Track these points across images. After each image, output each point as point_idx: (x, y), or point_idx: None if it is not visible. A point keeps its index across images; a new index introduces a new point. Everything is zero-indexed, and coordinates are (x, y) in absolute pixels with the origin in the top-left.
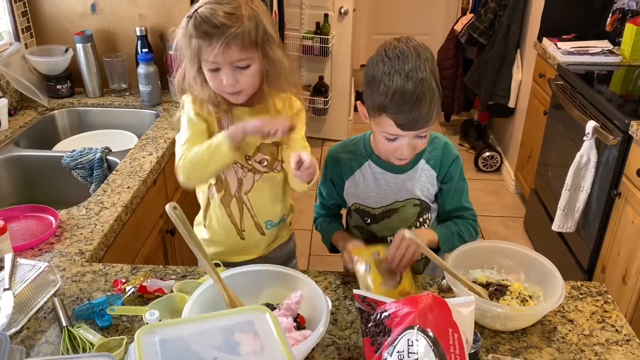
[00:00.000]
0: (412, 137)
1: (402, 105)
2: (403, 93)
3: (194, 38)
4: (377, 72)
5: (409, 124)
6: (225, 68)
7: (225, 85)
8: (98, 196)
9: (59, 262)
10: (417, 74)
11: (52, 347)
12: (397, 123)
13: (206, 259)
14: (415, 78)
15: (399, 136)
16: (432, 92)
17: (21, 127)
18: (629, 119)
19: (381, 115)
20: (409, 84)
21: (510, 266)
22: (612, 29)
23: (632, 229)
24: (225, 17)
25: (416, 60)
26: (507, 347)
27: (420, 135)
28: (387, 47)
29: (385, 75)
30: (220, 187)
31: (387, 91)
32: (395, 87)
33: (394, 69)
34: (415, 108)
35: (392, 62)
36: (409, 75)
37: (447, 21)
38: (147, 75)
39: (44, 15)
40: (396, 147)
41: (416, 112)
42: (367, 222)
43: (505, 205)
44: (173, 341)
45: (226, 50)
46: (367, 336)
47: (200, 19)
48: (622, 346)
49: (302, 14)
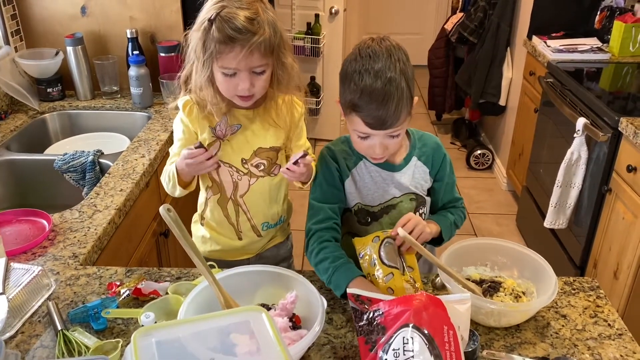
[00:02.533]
0: (382, 137)
1: (369, 104)
2: (371, 92)
3: (215, 42)
4: (349, 70)
5: (376, 123)
6: (243, 73)
7: (240, 90)
8: (91, 199)
9: (52, 265)
10: (386, 73)
11: (47, 351)
12: (365, 122)
13: (201, 260)
14: (384, 77)
15: (369, 135)
16: (400, 92)
17: (12, 130)
18: (618, 115)
19: (351, 113)
20: (378, 82)
21: (504, 263)
22: (600, 27)
23: (622, 224)
24: (247, 22)
25: (386, 60)
26: (502, 343)
27: (392, 134)
28: (360, 46)
29: (355, 73)
30: (215, 189)
31: (357, 89)
32: (363, 85)
33: (364, 67)
34: (382, 107)
35: (363, 61)
36: (378, 74)
37: (438, 20)
38: (138, 78)
39: (34, 18)
40: (368, 146)
41: (383, 111)
42: (368, 222)
43: (498, 202)
44: (169, 343)
45: (249, 57)
46: (362, 335)
47: (225, 23)
48: (615, 340)
49: (292, 15)
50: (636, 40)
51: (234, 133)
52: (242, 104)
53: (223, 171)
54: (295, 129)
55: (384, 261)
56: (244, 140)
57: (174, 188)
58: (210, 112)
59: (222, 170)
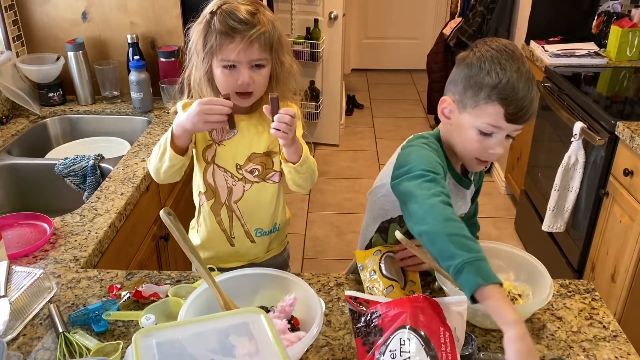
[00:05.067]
0: (507, 133)
1: (517, 92)
2: (518, 81)
3: (215, 34)
4: (481, 63)
5: (518, 113)
6: (242, 66)
7: (239, 84)
8: (92, 203)
9: (54, 269)
10: (522, 68)
11: (48, 353)
12: (508, 111)
13: (200, 263)
14: (524, 71)
15: (496, 130)
16: (535, 88)
17: (13, 135)
18: (615, 119)
19: (488, 103)
20: (522, 77)
21: (500, 266)
22: (597, 32)
23: (620, 227)
24: (249, 14)
25: (516, 58)
26: (498, 344)
27: (516, 131)
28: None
29: (494, 64)
30: (210, 195)
31: (502, 78)
32: (509, 75)
33: (503, 60)
34: (528, 98)
35: (500, 55)
36: (519, 69)
37: (436, 25)
38: (138, 82)
39: (35, 23)
40: (488, 145)
41: (528, 102)
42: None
43: (496, 206)
44: (170, 344)
45: (249, 48)
46: (359, 336)
47: (227, 14)
48: (610, 342)
49: (292, 20)
50: (633, 45)
51: (230, 138)
52: (241, 102)
53: (218, 176)
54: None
55: (383, 273)
56: (239, 145)
57: (163, 156)
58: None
59: (218, 175)
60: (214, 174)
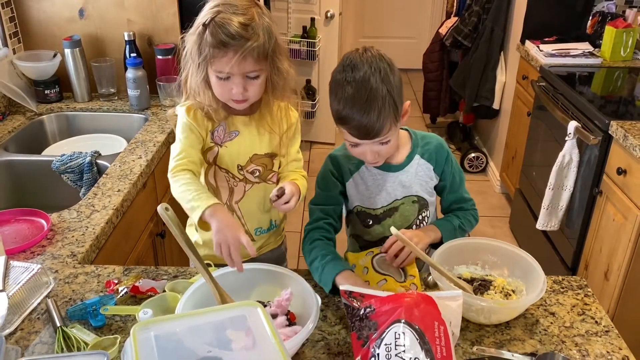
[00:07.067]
0: (372, 144)
1: (352, 115)
2: (353, 103)
3: (208, 46)
4: (333, 82)
5: (361, 133)
6: (236, 77)
7: (233, 94)
8: (89, 199)
9: (51, 264)
10: (367, 84)
11: (46, 347)
12: (350, 132)
13: (198, 258)
14: (365, 88)
15: (359, 143)
16: (382, 101)
17: (10, 132)
18: (609, 119)
19: (338, 124)
20: (358, 93)
21: (494, 262)
22: (592, 32)
23: (613, 226)
24: (241, 28)
25: (367, 71)
26: (492, 339)
27: (381, 142)
28: (345, 57)
29: (338, 85)
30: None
31: (340, 101)
32: (346, 96)
33: (346, 79)
34: (364, 117)
35: (345, 73)
36: (359, 84)
37: (432, 25)
38: (135, 80)
39: (32, 20)
40: (360, 153)
41: (365, 120)
42: (370, 224)
43: (491, 205)
44: (168, 336)
45: (242, 62)
46: (354, 331)
47: (219, 28)
48: (602, 337)
49: (288, 18)
50: (627, 45)
51: (232, 140)
52: (237, 107)
53: (220, 176)
54: (288, 133)
55: (376, 269)
56: (240, 146)
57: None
58: (208, 115)
59: (219, 176)
60: (215, 174)
